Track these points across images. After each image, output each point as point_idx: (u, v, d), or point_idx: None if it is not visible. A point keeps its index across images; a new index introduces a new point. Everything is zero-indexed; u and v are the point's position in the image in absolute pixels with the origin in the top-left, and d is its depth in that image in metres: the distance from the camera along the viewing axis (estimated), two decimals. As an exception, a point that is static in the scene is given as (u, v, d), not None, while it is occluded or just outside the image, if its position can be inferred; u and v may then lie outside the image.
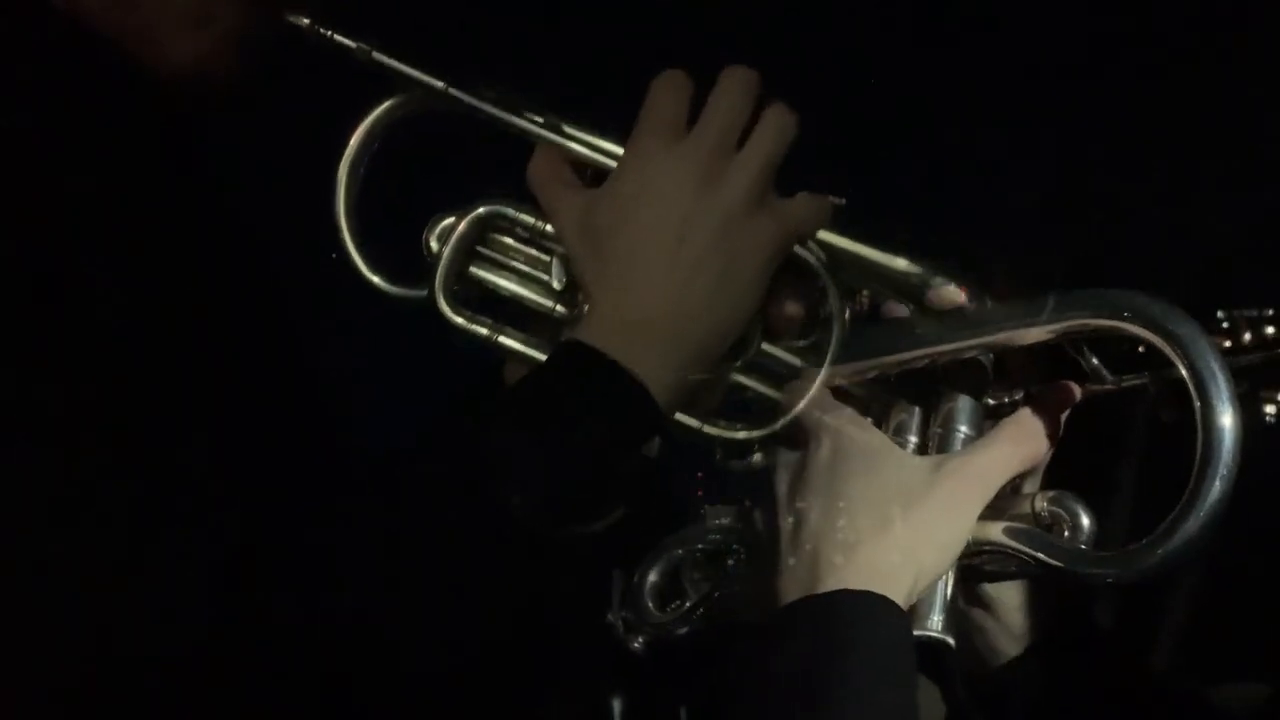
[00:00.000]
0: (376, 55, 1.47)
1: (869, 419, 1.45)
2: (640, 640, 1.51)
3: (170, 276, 1.35)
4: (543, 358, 1.46)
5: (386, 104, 1.50)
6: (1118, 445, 1.60)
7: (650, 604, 1.52)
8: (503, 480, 1.34)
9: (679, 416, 1.44)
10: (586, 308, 1.44)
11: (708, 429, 1.46)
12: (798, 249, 1.45)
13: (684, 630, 1.52)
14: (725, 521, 1.53)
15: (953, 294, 1.45)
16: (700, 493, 1.54)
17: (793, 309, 1.47)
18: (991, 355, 1.45)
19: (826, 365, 1.44)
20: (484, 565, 1.34)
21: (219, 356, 1.36)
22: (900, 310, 1.48)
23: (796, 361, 1.47)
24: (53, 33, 1.41)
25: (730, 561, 1.53)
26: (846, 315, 1.45)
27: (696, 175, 1.41)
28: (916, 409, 1.47)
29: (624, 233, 1.41)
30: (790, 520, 1.40)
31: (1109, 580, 1.37)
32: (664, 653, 1.54)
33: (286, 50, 1.48)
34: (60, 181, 1.32)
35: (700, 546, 1.52)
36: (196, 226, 1.42)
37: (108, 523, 1.26)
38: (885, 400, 1.48)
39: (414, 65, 1.48)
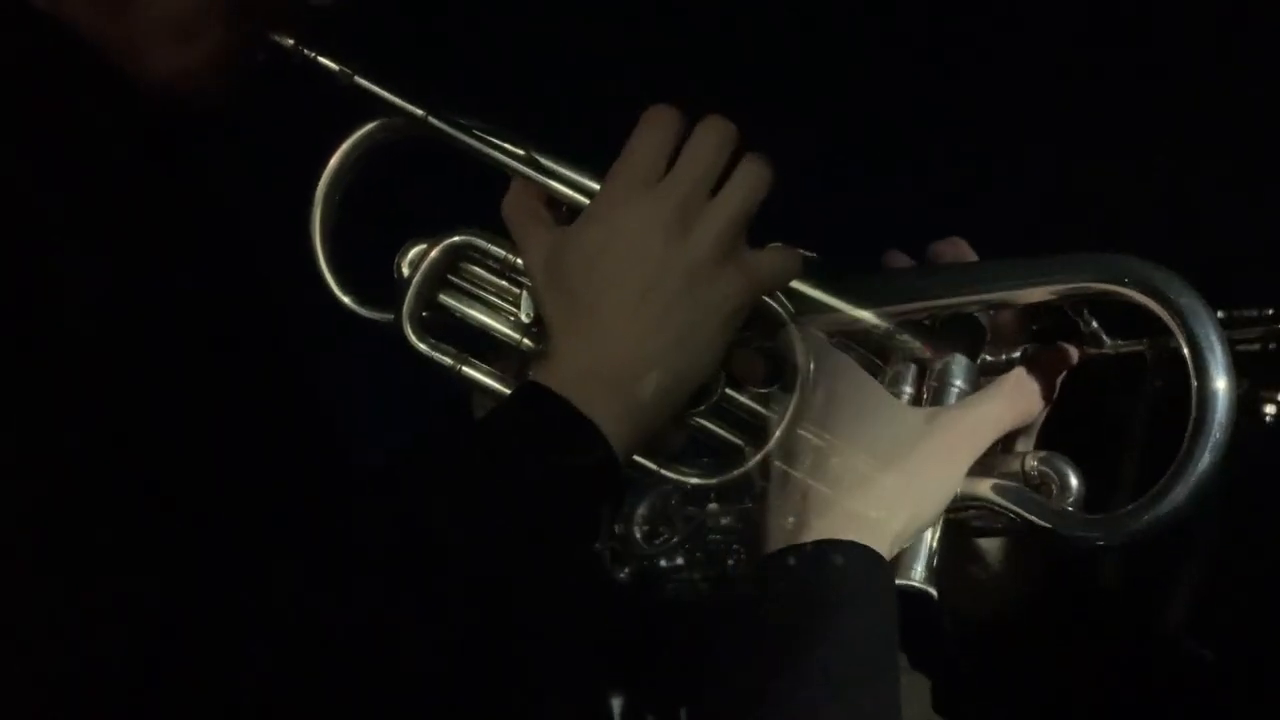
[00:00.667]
0: (358, 80, 1.48)
1: (865, 369, 1.46)
2: (626, 571, 1.52)
3: (157, 283, 1.35)
4: (506, 391, 1.46)
5: (367, 127, 1.50)
6: (1127, 409, 1.60)
7: (638, 535, 1.53)
8: (451, 520, 1.33)
9: (638, 459, 1.44)
10: (549, 347, 1.44)
11: (665, 472, 1.46)
12: (767, 299, 1.45)
13: (669, 563, 1.53)
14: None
15: (919, 351, 1.47)
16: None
17: (757, 358, 1.48)
18: (990, 313, 1.46)
19: (788, 416, 1.43)
20: (436, 601, 1.32)
21: (205, 361, 1.36)
22: (903, 260, 1.49)
23: (759, 409, 1.47)
24: (36, 37, 1.41)
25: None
26: (810, 370, 1.44)
27: (666, 225, 1.40)
28: (913, 363, 1.48)
29: (590, 277, 1.41)
30: (781, 465, 1.41)
31: (1099, 543, 1.38)
32: (646, 590, 1.55)
33: (272, 66, 1.49)
34: (44, 189, 1.32)
35: (691, 483, 1.53)
36: (183, 232, 1.43)
37: (94, 526, 1.26)
38: (883, 351, 1.49)
39: (395, 92, 1.48)
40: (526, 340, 1.48)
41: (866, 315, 1.46)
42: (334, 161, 1.50)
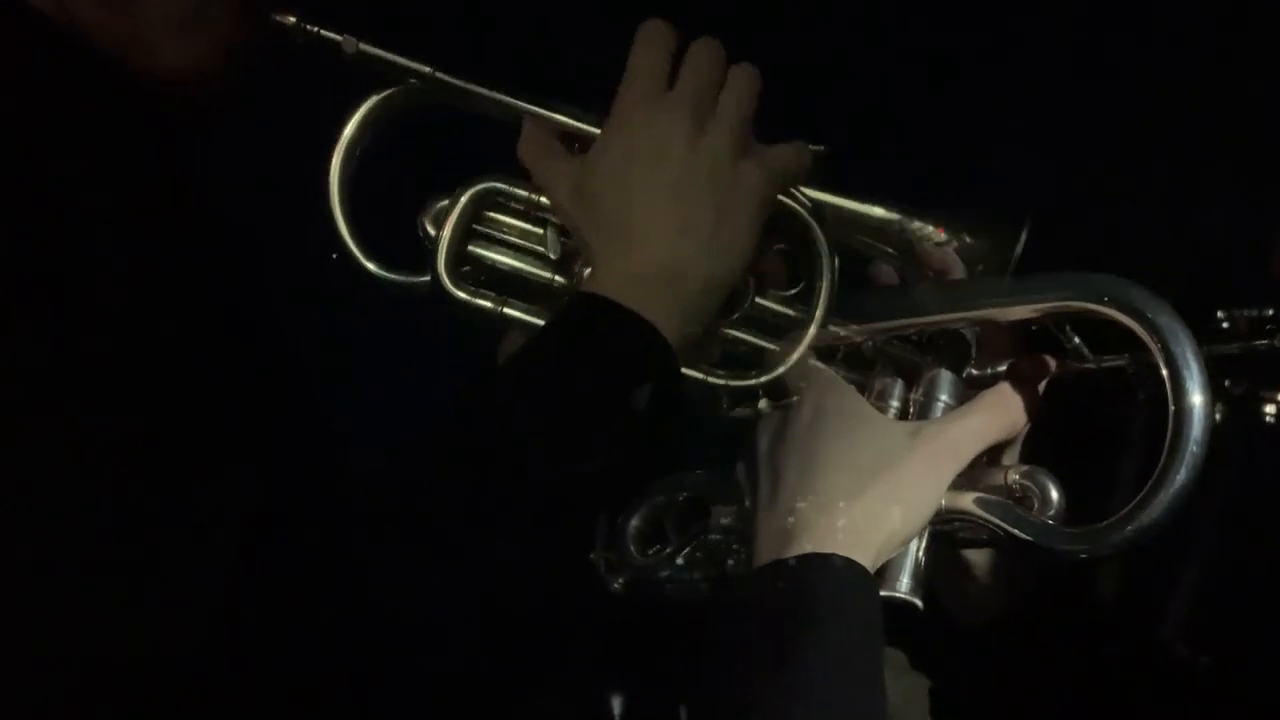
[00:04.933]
0: (363, 47, 1.51)
1: (852, 384, 1.48)
2: (620, 581, 1.53)
3: (164, 272, 1.37)
4: None
5: (376, 97, 1.53)
6: (1113, 422, 1.61)
7: (632, 547, 1.54)
8: (521, 427, 1.38)
9: (685, 369, 1.48)
10: (588, 271, 1.48)
11: (713, 379, 1.50)
12: (784, 199, 1.50)
13: (663, 574, 1.54)
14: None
15: (932, 234, 1.51)
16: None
17: (782, 259, 1.52)
18: (976, 329, 1.49)
19: (817, 314, 1.49)
20: (510, 520, 1.37)
21: (215, 350, 1.38)
22: (890, 277, 1.53)
23: (789, 312, 1.51)
24: (41, 34, 1.43)
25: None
26: (835, 264, 1.50)
27: (681, 130, 1.46)
28: (899, 377, 1.50)
29: (618, 192, 1.46)
30: (767, 480, 1.43)
31: (1081, 556, 1.40)
32: (643, 594, 1.57)
33: (276, 49, 1.51)
34: (51, 181, 1.33)
35: (685, 495, 1.55)
36: (189, 222, 1.44)
37: (111, 516, 1.27)
38: (870, 366, 1.52)
39: (399, 54, 1.51)
40: (558, 277, 1.53)
41: (877, 210, 1.52)
42: (345, 135, 1.53)
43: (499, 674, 1.39)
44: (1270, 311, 1.44)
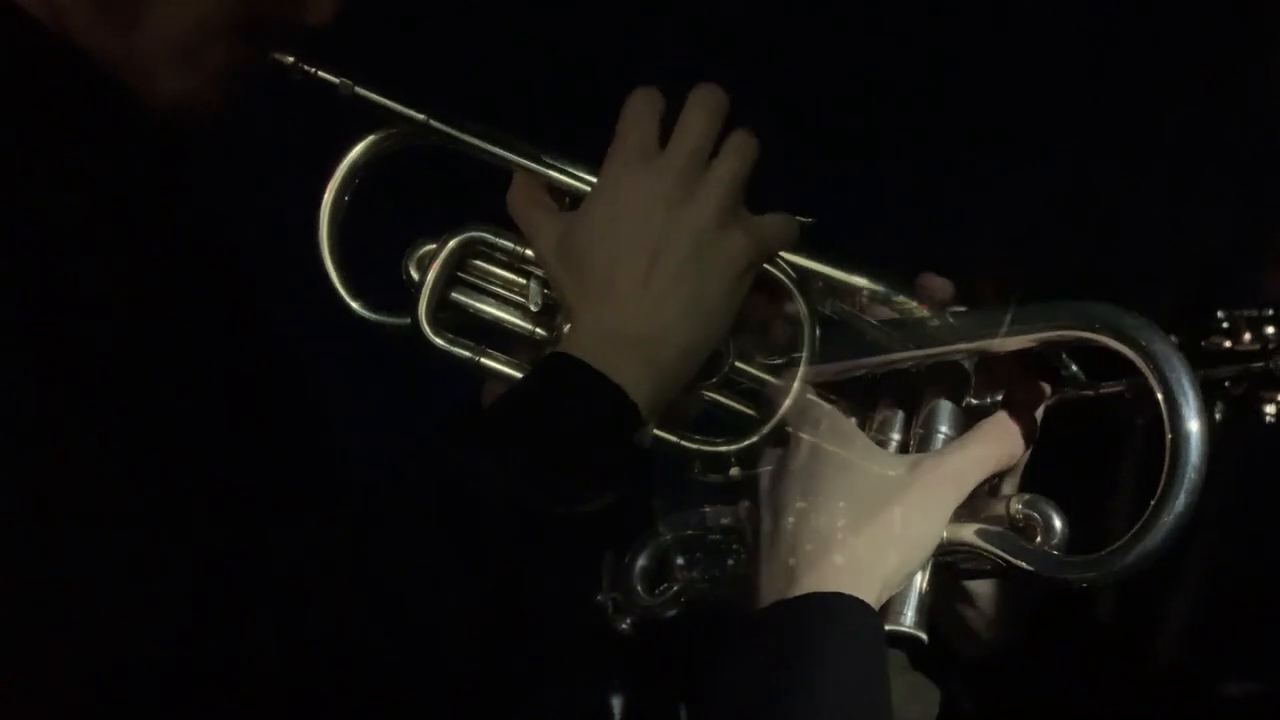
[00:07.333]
0: (359, 90, 1.51)
1: (853, 418, 1.48)
2: (628, 621, 1.53)
3: (158, 288, 1.39)
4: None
5: (369, 139, 1.54)
6: (1119, 448, 1.61)
7: (639, 586, 1.55)
8: (484, 484, 1.38)
9: (658, 431, 1.48)
10: (568, 327, 1.48)
11: (686, 443, 1.50)
12: (769, 267, 1.49)
13: (671, 614, 1.55)
14: (726, 521, 1.54)
15: (915, 310, 1.50)
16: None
17: (764, 326, 1.52)
18: (973, 360, 1.48)
19: (801, 371, 1.48)
20: (465, 566, 1.37)
21: (206, 369, 1.40)
22: (886, 313, 1.52)
23: (769, 378, 1.51)
24: (44, 57, 1.44)
25: (730, 561, 1.54)
26: (816, 332, 1.49)
27: (668, 194, 1.45)
28: (899, 410, 1.50)
29: (601, 253, 1.46)
30: (769, 520, 1.43)
31: (1082, 585, 1.40)
32: (652, 635, 1.57)
33: (274, 83, 1.52)
34: (49, 199, 1.35)
35: (690, 533, 1.55)
36: (185, 241, 1.47)
37: (90, 527, 1.28)
38: (870, 400, 1.51)
39: (395, 99, 1.52)
40: (539, 330, 1.53)
41: (862, 281, 1.51)
42: (338, 174, 1.54)
43: (499, 675, 1.39)
44: (1270, 312, 1.44)
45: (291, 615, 1.32)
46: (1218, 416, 1.41)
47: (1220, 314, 1.45)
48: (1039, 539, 1.41)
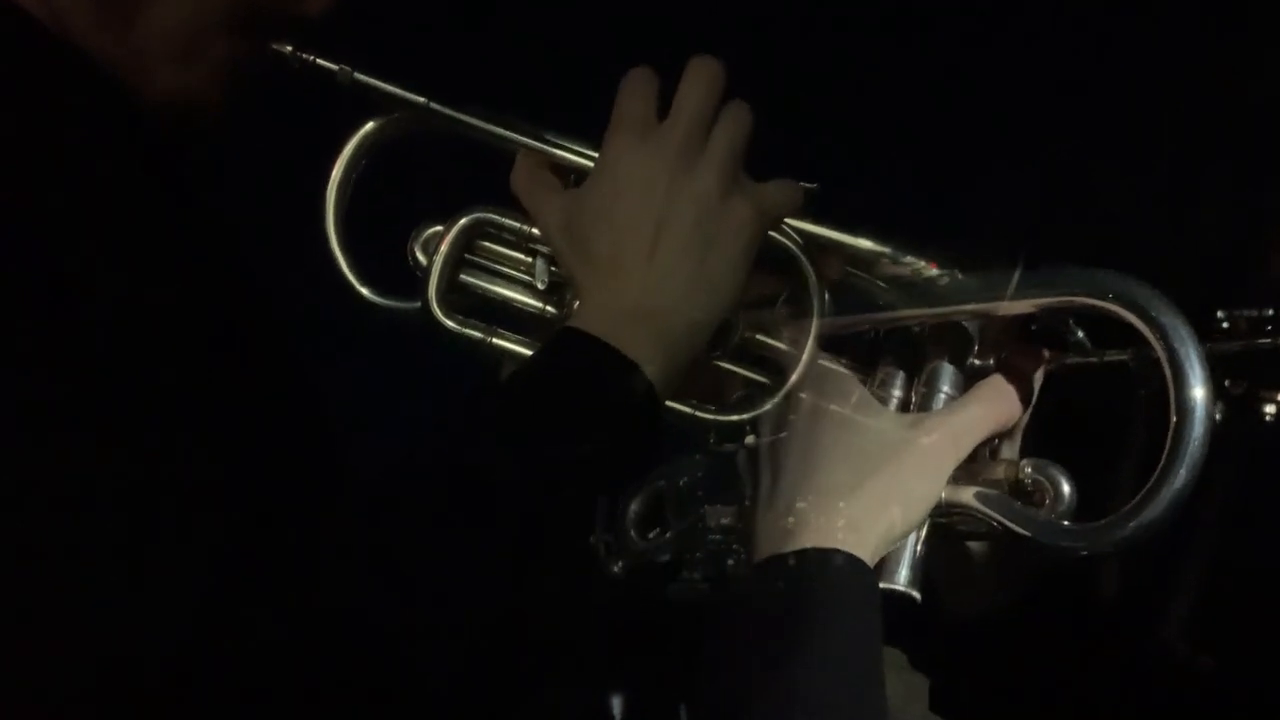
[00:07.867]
0: (358, 76, 1.53)
1: (855, 374, 1.49)
2: (620, 565, 1.53)
3: (162, 283, 1.39)
4: None
5: (369, 126, 1.56)
6: (1116, 417, 1.62)
7: (632, 531, 1.55)
8: (499, 461, 1.40)
9: (671, 403, 1.49)
10: (577, 304, 1.50)
11: (700, 414, 1.52)
12: (774, 234, 1.51)
13: (663, 559, 1.55)
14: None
15: (924, 269, 1.51)
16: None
17: (772, 295, 1.53)
18: (978, 323, 1.50)
19: (812, 337, 1.49)
20: (481, 553, 1.38)
21: (211, 362, 1.40)
22: (893, 271, 1.53)
23: (779, 346, 1.52)
24: (41, 53, 1.45)
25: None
26: (825, 298, 1.51)
27: (669, 167, 1.47)
28: (901, 369, 1.51)
29: (605, 228, 1.48)
30: (768, 473, 1.44)
31: (1080, 553, 1.40)
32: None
33: (273, 73, 1.53)
34: (51, 200, 1.35)
35: (684, 480, 1.55)
36: (187, 233, 1.47)
37: (98, 523, 1.29)
38: (872, 357, 1.53)
39: (395, 84, 1.54)
40: (548, 307, 1.55)
41: (869, 244, 1.52)
42: (341, 161, 1.56)
43: (499, 674, 1.39)
44: (1270, 311, 1.44)
45: (306, 602, 1.33)
46: (1218, 417, 1.41)
47: (1220, 314, 1.45)
48: (1047, 504, 1.42)
